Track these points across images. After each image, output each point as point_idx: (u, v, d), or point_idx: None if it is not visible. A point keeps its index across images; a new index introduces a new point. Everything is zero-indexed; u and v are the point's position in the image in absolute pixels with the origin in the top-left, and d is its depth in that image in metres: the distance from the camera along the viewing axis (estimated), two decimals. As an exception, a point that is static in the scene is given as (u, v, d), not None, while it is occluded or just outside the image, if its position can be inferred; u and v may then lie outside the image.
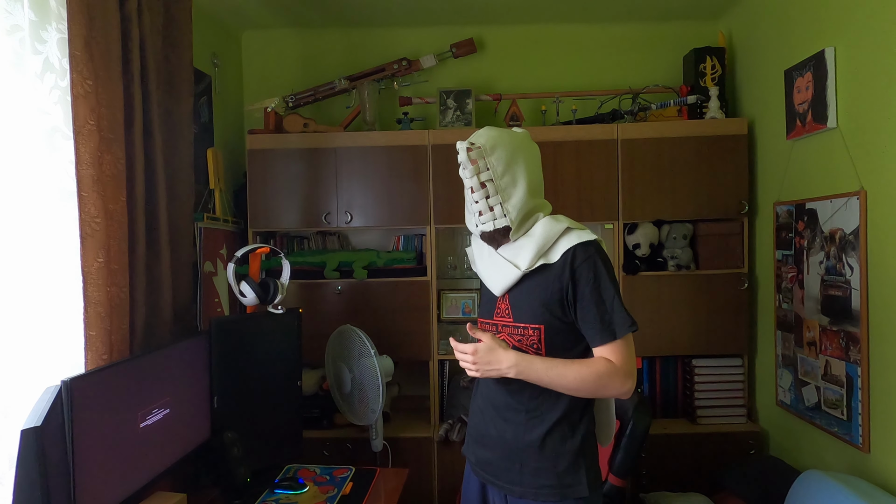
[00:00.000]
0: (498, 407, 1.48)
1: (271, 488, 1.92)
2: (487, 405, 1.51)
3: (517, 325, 1.44)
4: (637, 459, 2.06)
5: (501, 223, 1.41)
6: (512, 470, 1.44)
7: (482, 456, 1.52)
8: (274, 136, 2.74)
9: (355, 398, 2.45)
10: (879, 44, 1.89)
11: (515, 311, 1.45)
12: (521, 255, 1.41)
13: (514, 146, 1.43)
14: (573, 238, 1.39)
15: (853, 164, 2.02)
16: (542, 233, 1.41)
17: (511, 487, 1.44)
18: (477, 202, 1.43)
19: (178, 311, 2.08)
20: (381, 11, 2.87)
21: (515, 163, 1.42)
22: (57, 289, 1.63)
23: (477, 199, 1.42)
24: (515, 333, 1.44)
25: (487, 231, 1.44)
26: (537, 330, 1.41)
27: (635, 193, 2.67)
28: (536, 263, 1.40)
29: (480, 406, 1.54)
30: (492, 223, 1.42)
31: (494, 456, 1.48)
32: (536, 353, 1.41)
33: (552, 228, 1.41)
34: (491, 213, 1.41)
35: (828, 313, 2.14)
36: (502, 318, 1.47)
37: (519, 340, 1.43)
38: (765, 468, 2.29)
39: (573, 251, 1.38)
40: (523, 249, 1.41)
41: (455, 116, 2.85)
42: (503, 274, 1.44)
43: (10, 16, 1.49)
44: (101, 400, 1.49)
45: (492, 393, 1.50)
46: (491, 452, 1.49)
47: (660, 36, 3.04)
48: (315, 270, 2.74)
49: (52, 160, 1.61)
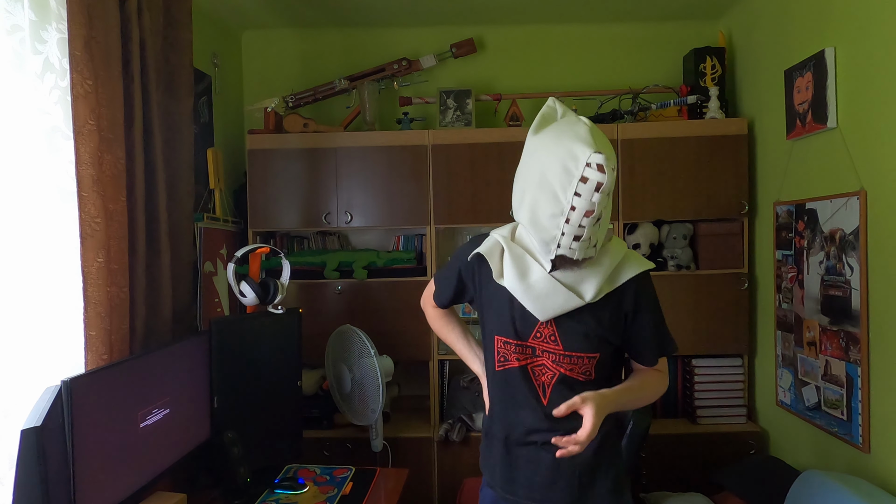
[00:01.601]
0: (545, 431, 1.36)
1: (271, 488, 1.92)
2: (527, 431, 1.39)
3: (568, 354, 1.33)
4: (637, 459, 2.06)
5: (590, 254, 1.23)
6: (570, 486, 1.37)
7: (523, 481, 1.40)
8: (274, 136, 2.74)
9: (355, 398, 2.45)
10: (879, 44, 1.89)
11: (565, 339, 1.33)
12: (587, 284, 1.28)
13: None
14: (635, 266, 1.33)
15: (853, 164, 2.02)
16: (609, 263, 1.29)
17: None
18: (584, 227, 1.18)
19: (178, 311, 2.08)
20: (381, 11, 2.87)
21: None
22: (57, 289, 1.62)
23: (584, 225, 1.18)
24: (564, 362, 1.33)
25: (572, 258, 1.23)
26: (592, 359, 1.33)
27: (635, 193, 2.67)
28: (602, 294, 1.29)
29: (514, 432, 1.41)
30: (583, 252, 1.22)
31: (543, 479, 1.38)
32: (587, 379, 1.35)
33: (615, 255, 1.31)
34: (589, 242, 1.21)
35: (828, 313, 2.14)
36: (545, 343, 1.34)
37: (570, 369, 1.33)
38: (765, 468, 2.29)
39: (637, 281, 1.33)
40: (589, 279, 1.28)
41: (455, 116, 2.85)
42: (559, 300, 1.28)
43: (10, 16, 1.49)
44: (101, 400, 1.49)
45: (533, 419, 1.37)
46: (539, 477, 1.38)
47: (660, 36, 3.04)
48: (315, 270, 2.74)
49: (52, 160, 1.61)
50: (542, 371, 1.36)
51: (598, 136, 1.20)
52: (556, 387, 1.35)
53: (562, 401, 1.26)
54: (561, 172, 1.17)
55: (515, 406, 1.40)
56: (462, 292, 1.51)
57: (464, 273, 1.48)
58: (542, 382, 1.36)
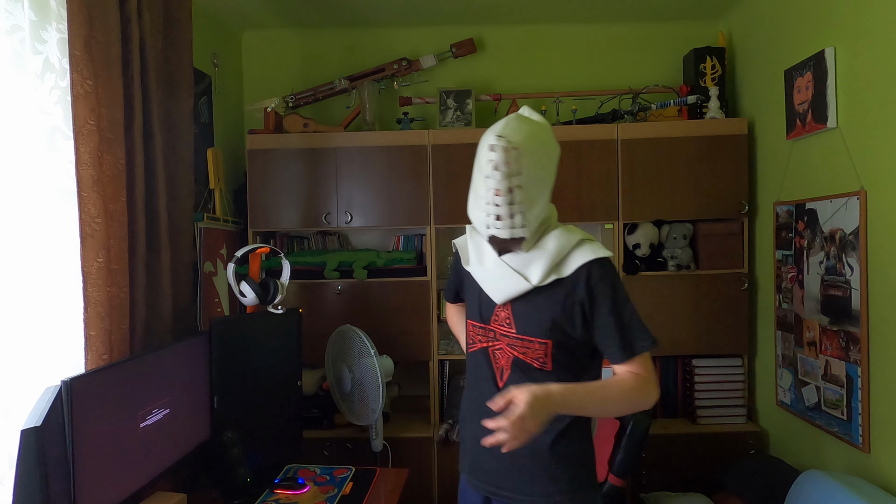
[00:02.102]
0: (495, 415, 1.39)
1: (271, 488, 1.92)
2: (488, 414, 1.40)
3: (521, 338, 1.37)
4: (637, 459, 2.06)
5: (519, 233, 1.29)
6: (521, 479, 1.39)
7: (484, 466, 1.44)
8: (274, 136, 2.74)
9: (355, 398, 2.45)
10: (879, 44, 1.89)
11: (519, 322, 1.37)
12: (533, 267, 1.32)
13: (548, 148, 1.31)
14: (587, 253, 1.32)
15: (853, 164, 2.02)
16: (555, 247, 1.32)
17: (520, 497, 1.39)
18: (498, 206, 1.27)
19: (178, 311, 2.08)
20: (381, 11, 2.87)
21: (548, 168, 1.31)
22: (57, 289, 1.63)
23: (499, 203, 1.27)
24: (519, 345, 1.37)
25: (500, 237, 1.32)
26: (544, 345, 1.35)
27: (635, 193, 2.67)
28: (549, 279, 1.32)
29: (477, 416, 1.43)
30: (508, 231, 1.28)
31: (500, 465, 1.40)
32: (542, 367, 1.36)
33: (566, 242, 1.33)
34: (510, 221, 1.27)
35: (828, 313, 2.14)
36: (502, 326, 1.40)
37: (523, 353, 1.37)
38: (765, 468, 2.29)
39: (588, 268, 1.31)
40: (535, 262, 1.32)
41: (455, 116, 2.85)
42: (509, 284, 1.35)
43: (10, 16, 1.49)
44: (101, 400, 1.49)
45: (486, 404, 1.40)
46: (496, 462, 1.40)
47: (660, 36, 3.04)
48: (315, 270, 2.74)
49: (52, 160, 1.61)
50: (502, 354, 1.41)
51: (510, 123, 1.28)
52: (513, 371, 1.39)
53: (517, 384, 1.29)
54: (482, 158, 1.29)
55: (479, 389, 1.46)
56: (461, 285, 1.60)
57: (456, 266, 1.59)
58: (501, 366, 1.41)
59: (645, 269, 2.70)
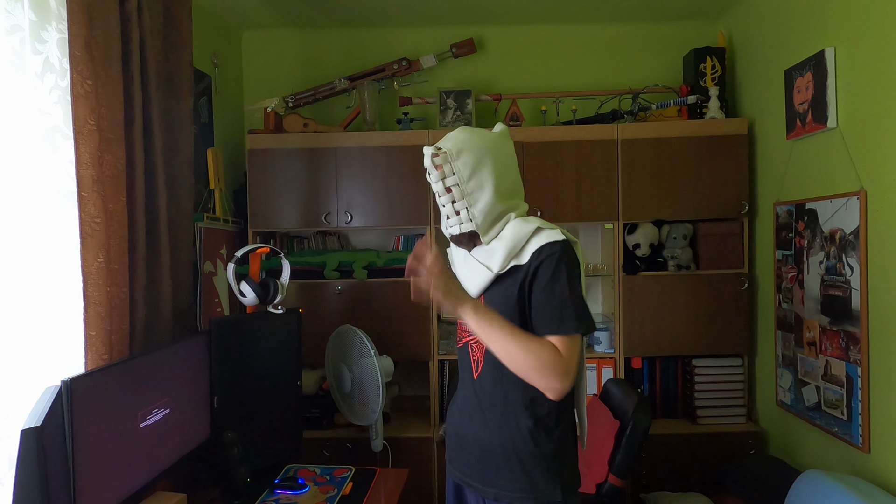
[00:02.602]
0: (476, 407, 1.47)
1: (271, 488, 1.92)
2: (466, 404, 1.50)
3: None
4: (637, 459, 2.06)
5: (467, 227, 1.42)
6: (488, 472, 1.43)
7: (459, 456, 1.51)
8: (274, 136, 2.74)
9: (355, 398, 2.45)
10: (879, 44, 1.89)
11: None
12: (494, 257, 1.41)
13: (482, 149, 1.40)
14: (543, 238, 1.37)
15: (853, 164, 2.02)
16: (511, 235, 1.40)
17: (486, 489, 1.43)
18: (444, 206, 1.44)
19: (178, 311, 2.08)
20: (381, 11, 2.87)
21: (482, 166, 1.40)
22: (57, 289, 1.62)
23: (444, 203, 1.44)
24: None
25: (454, 234, 1.46)
26: None
27: (635, 193, 2.67)
28: (508, 265, 1.39)
29: (459, 406, 1.54)
30: (458, 227, 1.43)
31: (472, 457, 1.47)
32: None
33: (522, 230, 1.40)
34: (457, 217, 1.43)
35: (828, 313, 2.14)
36: None
37: None
38: (765, 468, 2.29)
39: (539, 251, 1.36)
40: (496, 252, 1.41)
41: (455, 116, 2.85)
42: (477, 276, 1.44)
43: (10, 16, 1.49)
44: (101, 400, 1.49)
45: (471, 392, 1.49)
46: (469, 453, 1.47)
47: (660, 36, 3.04)
48: (315, 270, 2.74)
49: (52, 160, 1.61)
50: (477, 347, 1.48)
51: (448, 135, 1.44)
52: (485, 362, 1.45)
53: (489, 377, 1.43)
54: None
55: (462, 381, 1.56)
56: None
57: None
58: (476, 358, 1.48)
59: (645, 269, 2.70)
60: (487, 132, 1.46)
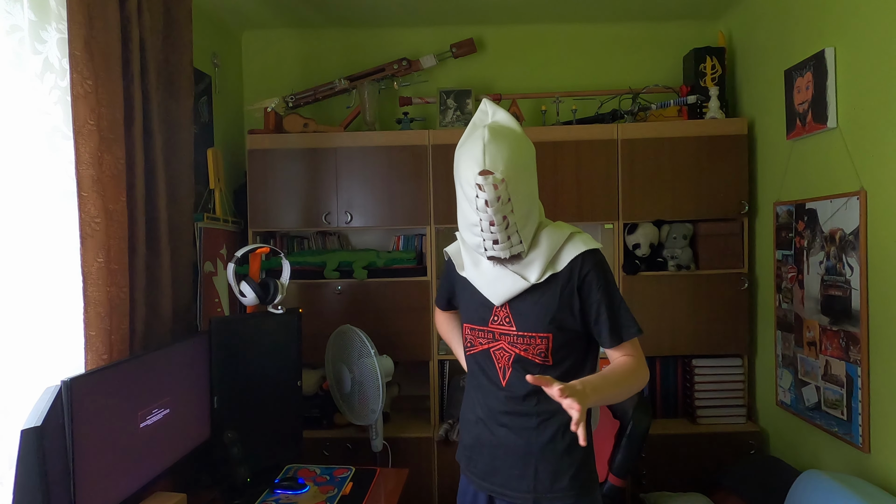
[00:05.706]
0: (506, 414, 1.44)
1: (271, 488, 1.92)
2: (490, 414, 1.47)
3: (522, 335, 1.40)
4: (637, 459, 2.06)
5: (517, 250, 1.34)
6: (526, 476, 1.41)
7: (487, 467, 1.47)
8: (274, 136, 2.74)
9: (355, 398, 2.45)
10: (879, 44, 1.89)
11: (519, 320, 1.41)
12: (531, 268, 1.37)
13: (527, 158, 1.32)
14: (578, 245, 1.38)
15: (853, 164, 2.02)
16: (546, 243, 1.37)
17: (525, 495, 1.42)
18: (493, 233, 1.30)
19: (178, 311, 2.08)
20: (381, 11, 2.87)
21: (532, 184, 1.34)
22: (57, 289, 1.62)
23: (494, 231, 1.30)
24: (520, 342, 1.41)
25: (500, 258, 1.35)
26: (545, 339, 1.39)
27: (635, 193, 2.67)
28: (546, 275, 1.37)
29: (480, 416, 1.49)
30: (507, 251, 1.33)
31: (503, 465, 1.44)
32: (543, 361, 1.40)
33: (555, 238, 1.38)
34: (508, 243, 1.32)
35: (828, 313, 2.14)
36: (501, 326, 1.43)
37: (525, 349, 1.40)
38: (765, 468, 2.29)
39: (581, 259, 1.37)
40: (533, 263, 1.37)
41: (455, 116, 2.85)
42: (507, 284, 1.39)
43: (10, 16, 1.49)
44: (101, 400, 1.49)
45: (498, 399, 1.45)
46: (500, 462, 1.45)
47: (660, 36, 3.04)
48: (315, 270, 2.74)
49: (52, 160, 1.61)
50: (501, 354, 1.44)
51: (491, 149, 1.24)
52: (514, 369, 1.42)
53: (519, 384, 1.39)
54: (468, 190, 1.28)
55: (481, 389, 1.50)
56: (453, 292, 1.62)
57: (449, 273, 1.62)
58: (503, 366, 1.44)
59: (645, 269, 2.70)
60: (515, 129, 1.33)
